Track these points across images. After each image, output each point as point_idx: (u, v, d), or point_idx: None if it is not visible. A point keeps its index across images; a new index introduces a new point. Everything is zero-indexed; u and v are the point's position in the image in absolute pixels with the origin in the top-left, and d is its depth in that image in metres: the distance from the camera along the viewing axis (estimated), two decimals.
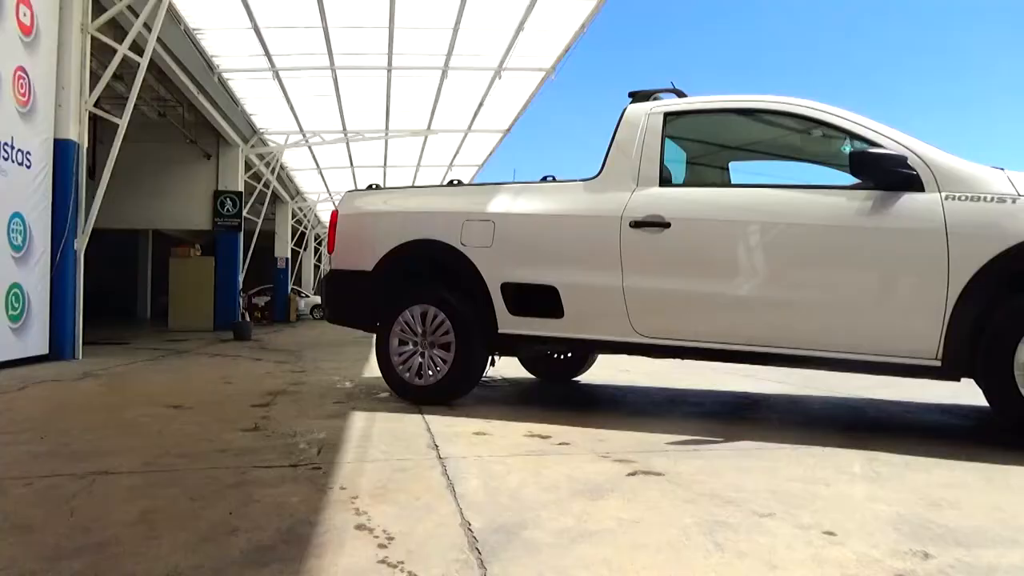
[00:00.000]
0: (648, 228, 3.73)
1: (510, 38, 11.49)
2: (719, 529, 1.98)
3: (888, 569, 1.70)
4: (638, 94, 4.18)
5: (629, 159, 3.94)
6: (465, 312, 4.18)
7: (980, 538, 1.92)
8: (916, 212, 3.24)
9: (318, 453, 2.91)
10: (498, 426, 3.55)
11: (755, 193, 3.68)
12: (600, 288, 3.83)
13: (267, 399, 4.48)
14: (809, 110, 3.65)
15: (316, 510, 2.13)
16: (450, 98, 14.31)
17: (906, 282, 3.29)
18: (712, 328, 3.65)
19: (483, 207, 4.25)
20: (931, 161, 3.29)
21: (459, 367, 4.17)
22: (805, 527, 2.00)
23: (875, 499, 2.29)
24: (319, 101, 14.33)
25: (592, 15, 10.71)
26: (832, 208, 3.43)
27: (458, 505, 2.20)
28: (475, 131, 16.61)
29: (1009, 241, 3.03)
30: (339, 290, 4.82)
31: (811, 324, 3.44)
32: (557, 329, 3.99)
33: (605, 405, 4.62)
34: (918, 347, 3.22)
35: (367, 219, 4.73)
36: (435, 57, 12.27)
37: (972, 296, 3.09)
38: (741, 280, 3.58)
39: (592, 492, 2.35)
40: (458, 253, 4.21)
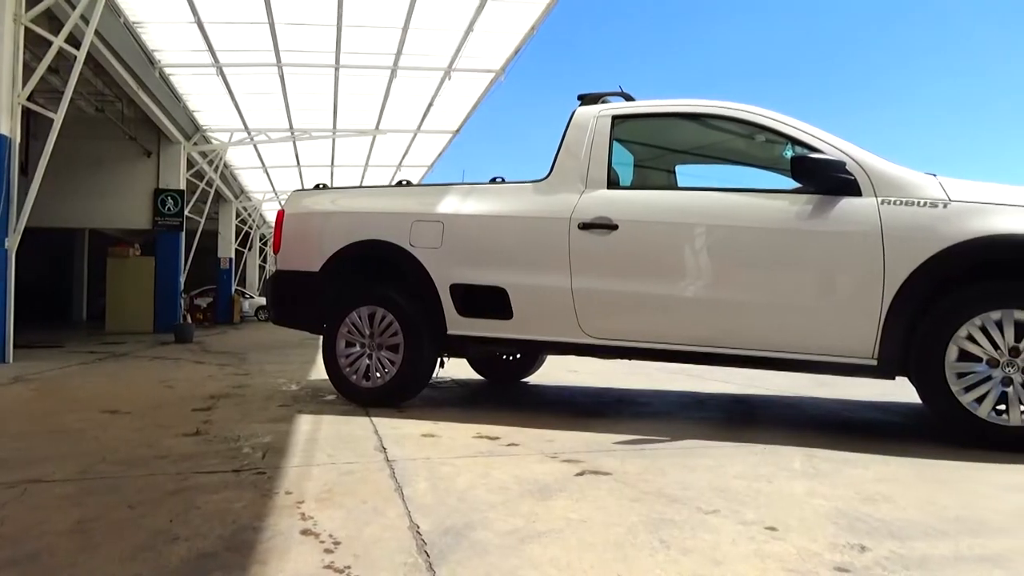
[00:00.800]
0: (596, 230, 3.76)
1: (460, 39, 11.48)
2: (665, 527, 2.01)
3: (827, 562, 1.74)
4: (587, 97, 4.22)
5: (578, 161, 3.97)
6: (414, 313, 4.15)
7: (913, 530, 1.99)
8: (854, 216, 3.34)
9: (263, 457, 2.85)
10: (447, 428, 3.54)
11: (701, 196, 3.75)
12: (549, 289, 3.85)
13: (209, 403, 4.38)
14: (752, 115, 3.74)
15: (260, 516, 2.08)
16: (399, 98, 14.21)
17: (844, 284, 3.39)
18: (659, 329, 3.70)
19: (432, 208, 4.23)
20: (868, 166, 3.40)
21: (407, 369, 4.14)
22: (748, 523, 2.04)
23: (815, 494, 2.35)
24: (265, 99, 14.07)
25: (542, 18, 10.78)
26: (774, 211, 3.52)
27: (406, 508, 2.18)
28: (424, 131, 16.54)
29: (941, 244, 3.15)
30: (285, 291, 4.73)
31: (754, 325, 3.52)
32: (506, 330, 4.00)
33: (554, 406, 4.65)
34: (856, 347, 3.32)
35: (314, 219, 4.66)
36: (384, 56, 12.17)
37: (906, 297, 3.20)
38: (687, 282, 3.64)
39: (541, 492, 2.36)
40: (407, 254, 4.18)
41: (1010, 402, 3.05)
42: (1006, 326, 3.05)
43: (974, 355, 3.10)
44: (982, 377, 3.08)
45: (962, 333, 3.11)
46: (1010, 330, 3.04)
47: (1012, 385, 3.04)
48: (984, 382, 3.08)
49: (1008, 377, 3.05)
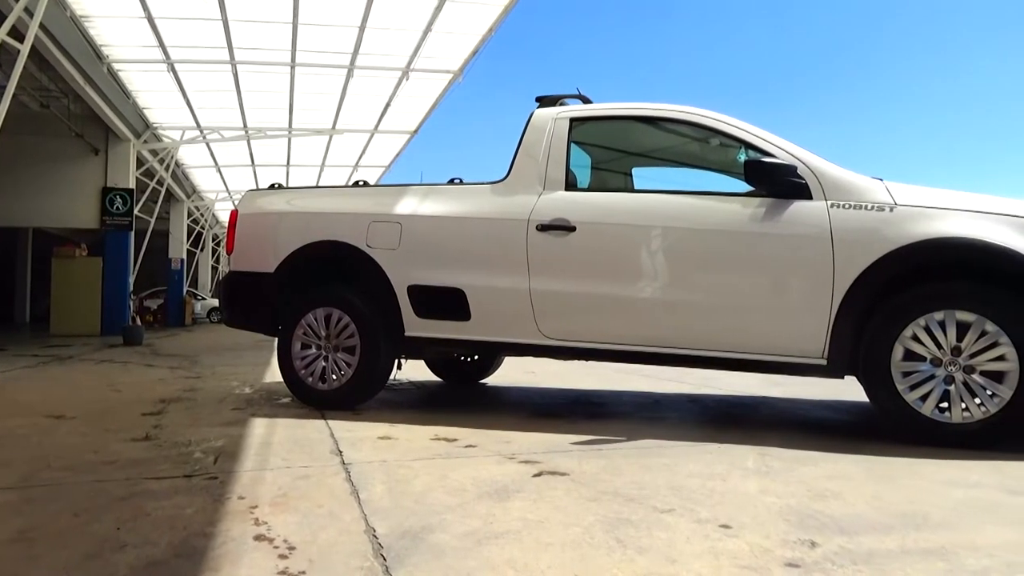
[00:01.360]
0: (554, 231, 3.78)
1: (418, 39, 11.42)
2: (621, 526, 2.02)
3: (779, 559, 1.78)
4: (545, 99, 4.24)
5: (536, 163, 3.98)
6: (370, 315, 4.12)
7: (861, 526, 2.04)
8: (805, 219, 3.42)
9: (215, 462, 2.80)
10: (404, 430, 3.51)
11: (657, 199, 3.79)
12: (507, 291, 3.85)
13: (159, 407, 4.27)
14: (707, 119, 3.80)
15: (212, 522, 2.04)
16: (356, 98, 14.08)
17: (796, 285, 3.47)
18: (616, 330, 3.73)
19: (390, 209, 4.20)
20: (818, 171, 3.49)
21: (364, 371, 4.10)
22: (703, 521, 2.07)
23: (767, 492, 2.40)
24: (218, 96, 13.80)
25: (500, 19, 10.79)
26: (728, 214, 3.58)
27: (363, 511, 2.16)
28: (382, 132, 16.41)
29: (888, 247, 3.25)
30: (238, 292, 4.65)
31: (708, 326, 3.58)
32: (464, 332, 3.99)
33: (511, 407, 4.65)
34: (806, 347, 3.40)
35: (269, 219, 4.59)
36: (341, 55, 12.05)
37: (855, 299, 3.29)
38: (643, 283, 3.68)
39: (498, 494, 2.36)
40: (364, 255, 4.14)
41: (952, 400, 3.15)
42: (948, 326, 3.15)
43: (918, 354, 3.20)
44: (926, 376, 3.18)
45: (907, 333, 3.20)
46: (952, 330, 3.15)
47: (954, 383, 3.14)
48: (928, 381, 3.18)
49: (950, 376, 3.15)
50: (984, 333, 3.10)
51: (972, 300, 3.15)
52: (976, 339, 3.12)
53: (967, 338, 3.13)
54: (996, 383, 3.09)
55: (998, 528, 2.04)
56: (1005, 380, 3.08)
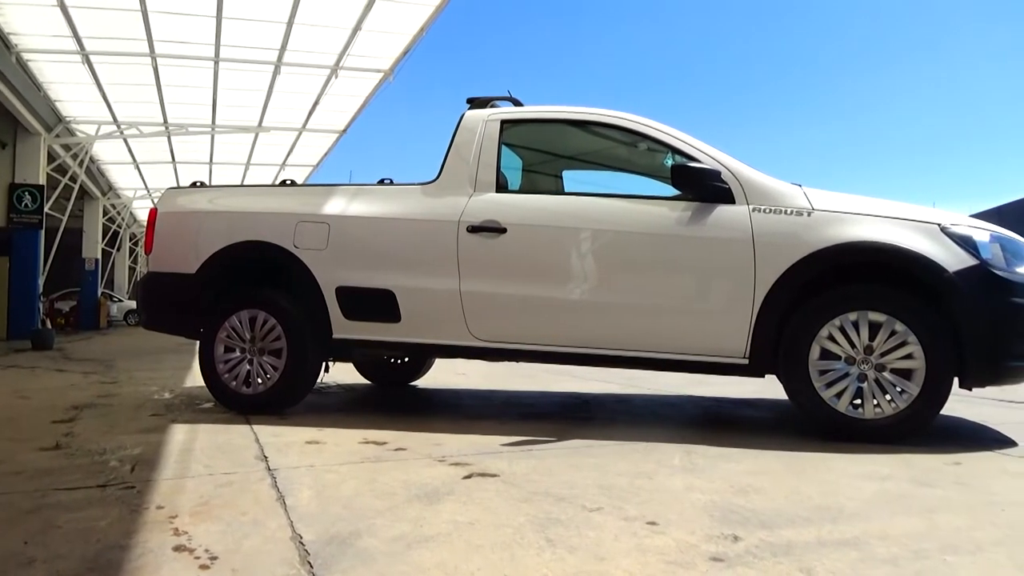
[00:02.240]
0: (485, 233, 3.78)
1: (347, 37, 11.26)
2: (551, 526, 2.04)
3: (703, 553, 1.82)
4: (476, 100, 4.24)
5: (467, 164, 3.98)
6: (297, 317, 4.03)
7: (781, 519, 2.12)
8: (728, 223, 3.52)
9: (131, 471, 2.69)
10: (332, 434, 3.45)
11: (586, 201, 3.84)
12: (437, 292, 3.83)
13: (72, 414, 4.08)
14: (636, 124, 3.88)
15: (129, 533, 1.96)
16: (284, 95, 13.78)
17: (719, 287, 3.57)
18: (546, 331, 3.76)
19: (318, 209, 4.12)
20: (741, 176, 3.60)
21: (291, 374, 4.01)
22: (630, 519, 2.11)
23: (692, 489, 2.46)
24: (137, 90, 13.28)
25: (431, 19, 10.75)
26: (655, 217, 3.66)
27: (289, 518, 2.11)
28: (310, 130, 16.11)
29: (806, 250, 3.38)
30: (158, 294, 4.48)
31: (636, 327, 3.65)
32: (394, 334, 3.95)
33: (442, 409, 4.63)
34: (729, 347, 3.50)
35: (190, 218, 4.44)
36: (268, 51, 11.78)
37: (775, 300, 3.41)
38: (573, 285, 3.72)
39: (428, 496, 2.34)
40: (291, 256, 4.05)
41: (865, 397, 3.30)
42: (861, 326, 3.30)
43: (834, 353, 3.34)
44: (841, 374, 3.33)
45: (824, 333, 3.34)
46: (865, 330, 3.30)
47: (866, 381, 3.30)
48: (843, 378, 3.32)
49: (863, 373, 3.30)
50: (894, 333, 3.26)
51: (883, 301, 3.31)
52: (887, 338, 3.27)
53: (878, 337, 3.28)
54: (905, 380, 3.26)
55: (907, 518, 2.15)
56: (913, 377, 3.24)
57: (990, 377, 3.37)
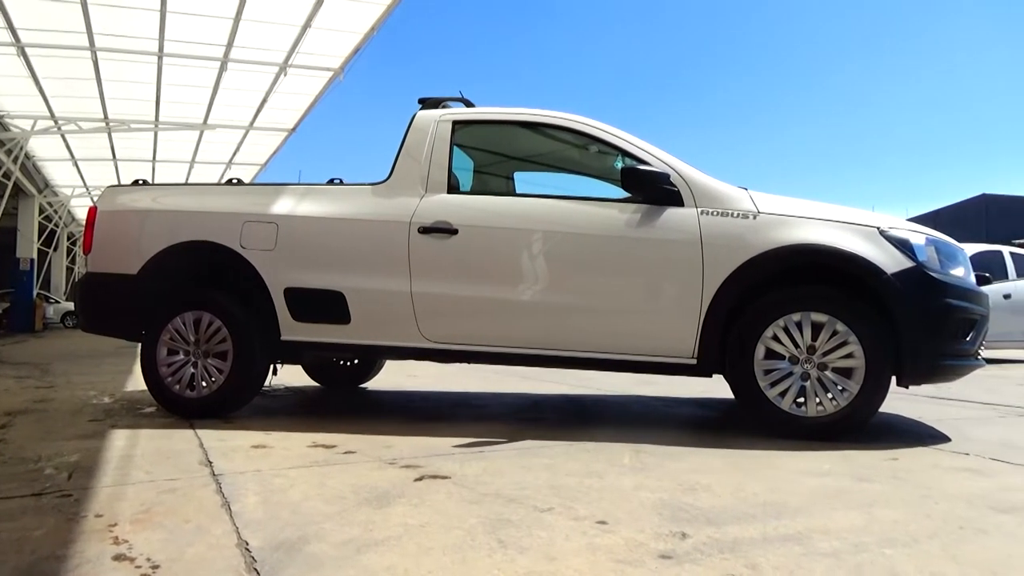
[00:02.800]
0: (436, 234, 3.77)
1: (296, 34, 11.10)
2: (503, 527, 2.04)
3: (652, 551, 1.85)
4: (427, 101, 4.22)
5: (418, 165, 3.95)
6: (244, 318, 3.95)
7: (727, 516, 2.16)
8: (676, 225, 3.58)
9: (68, 478, 2.59)
10: (279, 438, 3.39)
11: (538, 203, 3.86)
12: (388, 293, 3.80)
13: (4, 420, 3.92)
14: (586, 127, 3.91)
15: (65, 543, 1.89)
16: (230, 92, 13.50)
17: (668, 289, 3.62)
18: (497, 332, 3.76)
19: (266, 208, 4.04)
20: (689, 179, 3.66)
21: (237, 377, 3.93)
22: (580, 518, 2.12)
23: (641, 487, 2.49)
24: (76, 85, 12.85)
25: (383, 17, 10.66)
26: (605, 219, 3.69)
27: (234, 524, 2.06)
28: (258, 129, 15.82)
29: (751, 252, 3.45)
30: (97, 295, 4.33)
31: (586, 328, 3.68)
32: (344, 335, 3.90)
33: (392, 411, 4.59)
34: (678, 348, 3.56)
35: (132, 217, 4.31)
36: (214, 47, 11.53)
37: (722, 301, 3.48)
38: (524, 286, 3.73)
39: (378, 500, 2.32)
40: (237, 256, 3.97)
41: (807, 395, 3.39)
42: (804, 327, 3.39)
43: (778, 353, 3.42)
44: (784, 373, 3.41)
45: (768, 334, 3.42)
46: (808, 330, 3.39)
47: (809, 380, 3.39)
48: (786, 377, 3.41)
49: (806, 372, 3.39)
50: (835, 333, 3.36)
51: (825, 302, 3.40)
52: (828, 338, 3.37)
53: (821, 337, 3.38)
54: (846, 379, 3.36)
55: (847, 512, 2.21)
56: (853, 376, 3.35)
57: (925, 375, 3.50)
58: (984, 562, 1.80)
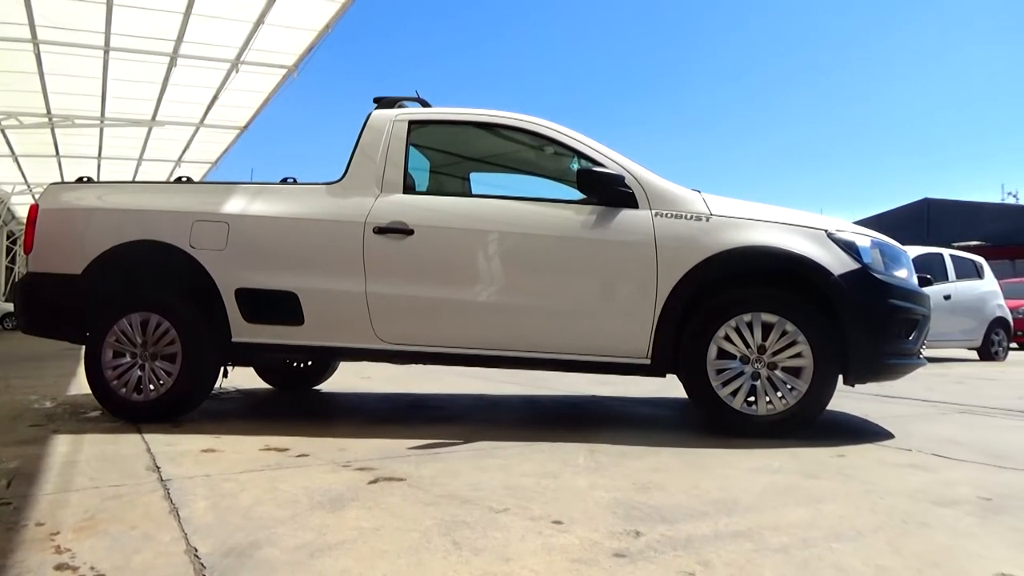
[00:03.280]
0: (391, 234, 3.74)
1: (249, 31, 10.91)
2: (458, 528, 2.03)
3: (606, 550, 1.86)
4: (383, 100, 4.19)
5: (373, 165, 3.92)
6: (193, 320, 3.86)
7: (680, 514, 2.19)
8: (631, 227, 3.62)
9: (7, 486, 2.50)
10: (230, 441, 3.32)
11: (494, 204, 3.86)
12: (342, 294, 3.76)
13: None
14: (543, 128, 3.93)
15: (4, 553, 1.82)
16: (180, 88, 13.21)
17: (623, 290, 3.65)
18: (453, 333, 3.75)
19: (216, 207, 3.96)
20: (644, 181, 3.70)
21: (186, 379, 3.84)
22: (536, 518, 2.13)
23: (596, 487, 2.51)
24: (16, 78, 12.42)
25: (338, 15, 10.55)
26: (561, 220, 3.71)
27: (183, 531, 2.01)
28: (209, 126, 15.51)
29: (704, 254, 3.51)
30: (39, 296, 4.19)
31: (542, 329, 3.69)
32: (297, 337, 3.84)
33: (346, 413, 4.54)
34: (632, 348, 3.60)
35: (76, 216, 4.18)
36: (163, 42, 11.26)
37: (676, 302, 3.52)
38: (480, 287, 3.73)
39: (332, 503, 2.29)
40: (187, 256, 3.88)
41: (758, 394, 3.46)
42: (755, 327, 3.46)
43: (730, 353, 3.48)
44: (736, 372, 3.47)
45: (721, 334, 3.48)
46: (758, 331, 3.46)
47: (759, 379, 3.46)
48: (738, 377, 3.47)
49: (757, 372, 3.46)
50: (785, 333, 3.43)
51: (775, 303, 3.48)
52: (778, 338, 3.44)
53: (771, 337, 3.45)
54: (795, 378, 3.44)
55: (796, 509, 2.26)
56: (802, 375, 3.43)
57: (871, 374, 3.60)
58: (925, 554, 1.86)
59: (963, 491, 2.51)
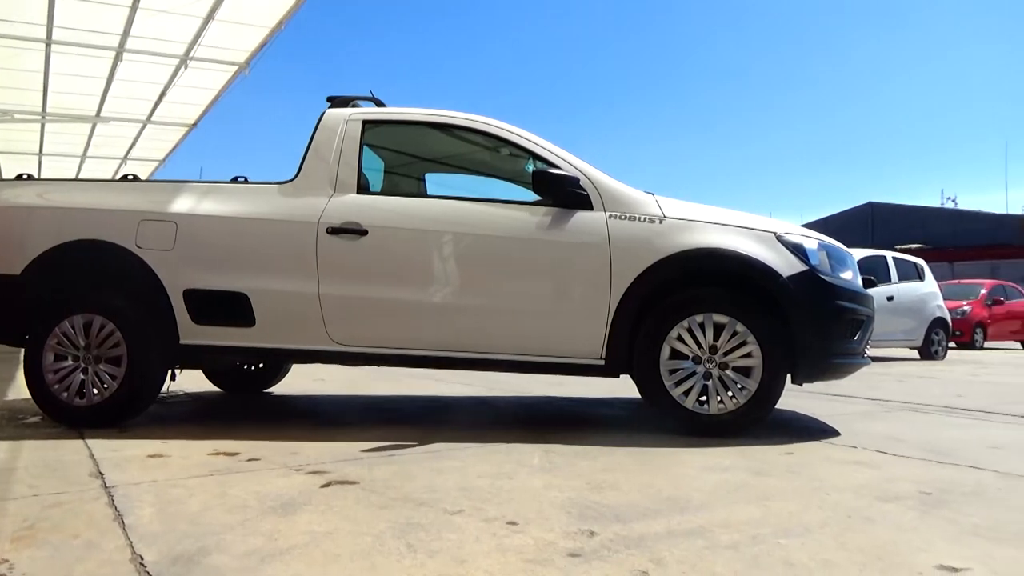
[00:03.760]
0: (345, 235, 3.70)
1: (199, 26, 10.66)
2: (412, 531, 2.02)
3: (561, 550, 1.87)
4: (337, 99, 4.14)
5: (327, 164, 3.87)
6: (140, 322, 3.76)
7: (634, 512, 2.21)
8: (586, 228, 3.64)
9: None
10: (178, 446, 3.24)
11: (449, 205, 3.85)
12: (295, 295, 3.71)
13: None
14: (498, 130, 3.93)
15: None
16: (126, 84, 12.83)
17: (577, 291, 3.68)
18: (407, 335, 3.73)
19: (164, 207, 3.86)
20: (599, 183, 3.73)
21: (131, 383, 3.73)
22: (491, 519, 2.13)
23: (551, 487, 2.52)
24: None
25: (291, 12, 10.37)
26: (516, 222, 3.72)
27: (128, 538, 1.96)
28: (156, 123, 15.10)
29: (658, 256, 3.55)
30: None
31: (497, 330, 3.69)
32: (248, 339, 3.77)
33: (299, 416, 4.48)
34: (587, 349, 3.62)
35: (16, 214, 4.02)
36: (108, 36, 10.92)
37: (629, 303, 3.56)
38: (435, 288, 3.71)
39: (284, 508, 2.25)
40: (133, 256, 3.77)
41: (709, 393, 3.52)
42: (707, 328, 3.52)
43: (682, 353, 3.53)
44: (688, 372, 3.53)
45: (673, 334, 3.53)
46: (710, 331, 3.52)
47: (711, 379, 3.52)
48: (690, 377, 3.52)
49: (708, 372, 3.52)
50: (735, 333, 3.50)
51: (726, 304, 3.54)
52: (729, 339, 3.51)
53: (722, 338, 3.51)
54: (745, 377, 3.50)
55: (746, 506, 2.31)
56: (751, 375, 3.50)
57: (818, 373, 3.69)
58: (870, 548, 1.91)
59: (905, 487, 2.59)
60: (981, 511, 2.29)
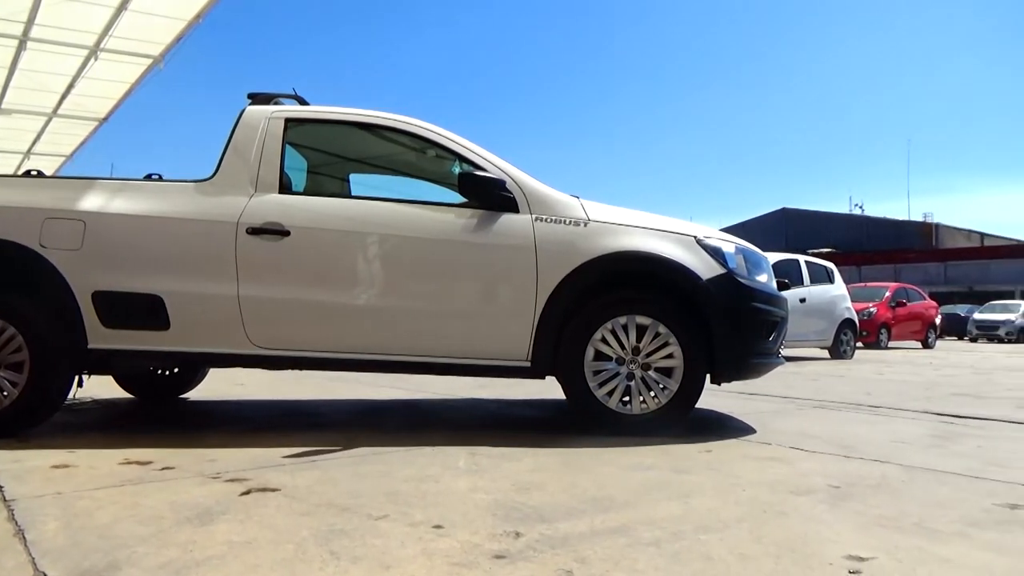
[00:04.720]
0: (266, 235, 3.60)
1: (110, 16, 10.22)
2: (336, 537, 1.98)
3: (487, 552, 1.87)
4: (258, 97, 4.03)
5: (247, 163, 3.76)
6: (43, 325, 3.56)
7: (559, 513, 2.23)
8: (512, 231, 3.66)
9: None
10: (86, 456, 3.09)
11: (373, 206, 3.80)
12: (213, 297, 3.59)
13: None
14: (424, 131, 3.91)
15: None
16: (30, 74, 12.18)
17: (503, 293, 3.69)
18: (330, 337, 3.66)
19: (71, 204, 3.67)
20: (525, 186, 3.76)
21: (34, 390, 3.52)
22: (416, 524, 2.11)
23: (476, 489, 2.52)
24: None
25: (210, 5, 10.06)
26: (442, 223, 3.71)
27: (30, 555, 1.85)
28: (63, 116, 14.39)
29: (582, 258, 3.60)
30: None
31: (423, 332, 3.67)
32: (162, 343, 3.63)
33: (217, 422, 4.33)
34: (513, 351, 3.64)
35: None
36: (11, 24, 10.34)
37: (555, 305, 3.59)
38: (359, 290, 3.66)
39: (200, 518, 2.17)
40: (36, 256, 3.57)
41: (632, 394, 3.59)
42: (630, 329, 3.59)
43: (606, 355, 3.59)
44: (612, 373, 3.59)
45: (597, 336, 3.58)
46: (633, 333, 3.59)
47: (634, 379, 3.59)
48: (613, 378, 3.59)
49: (631, 372, 3.59)
50: (658, 335, 3.58)
51: (648, 306, 3.62)
52: (651, 340, 3.59)
53: (644, 339, 3.59)
54: (667, 377, 3.59)
55: (668, 503, 2.36)
56: (673, 375, 3.58)
57: (736, 372, 3.81)
58: (784, 541, 1.99)
59: (816, 480, 2.71)
60: (886, 503, 2.41)
